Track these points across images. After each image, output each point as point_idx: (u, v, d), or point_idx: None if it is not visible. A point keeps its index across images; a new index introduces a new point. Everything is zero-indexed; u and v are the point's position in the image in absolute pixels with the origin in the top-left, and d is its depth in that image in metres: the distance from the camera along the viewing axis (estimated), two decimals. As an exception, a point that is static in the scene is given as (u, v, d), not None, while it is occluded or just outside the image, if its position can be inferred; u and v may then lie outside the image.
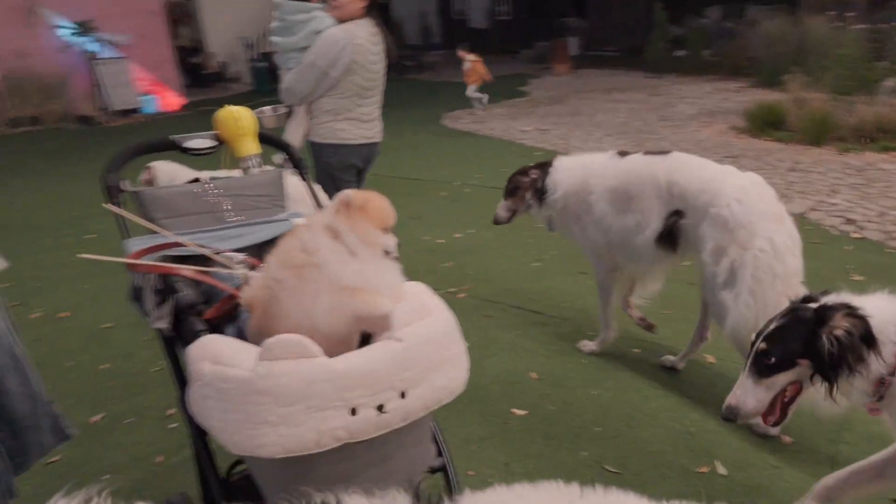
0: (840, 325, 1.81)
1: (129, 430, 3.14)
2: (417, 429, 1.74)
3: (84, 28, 13.48)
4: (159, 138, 2.40)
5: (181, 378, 1.94)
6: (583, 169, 3.39)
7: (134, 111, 13.69)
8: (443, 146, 9.35)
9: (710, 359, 3.47)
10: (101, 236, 5.91)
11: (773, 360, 1.93)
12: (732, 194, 2.84)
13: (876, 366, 1.81)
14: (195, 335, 1.72)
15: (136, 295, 2.05)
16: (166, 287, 1.97)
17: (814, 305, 1.90)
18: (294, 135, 4.01)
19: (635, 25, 19.05)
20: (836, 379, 1.84)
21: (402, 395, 1.55)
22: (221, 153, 2.54)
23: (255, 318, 1.70)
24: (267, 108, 4.05)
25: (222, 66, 17.35)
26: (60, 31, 13.48)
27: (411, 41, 25.32)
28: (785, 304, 2.05)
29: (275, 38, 4.01)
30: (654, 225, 3.10)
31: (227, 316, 1.94)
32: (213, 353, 1.56)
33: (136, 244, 2.04)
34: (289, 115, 4.10)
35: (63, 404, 3.35)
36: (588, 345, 3.67)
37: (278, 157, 2.53)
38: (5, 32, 12.62)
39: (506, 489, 1.27)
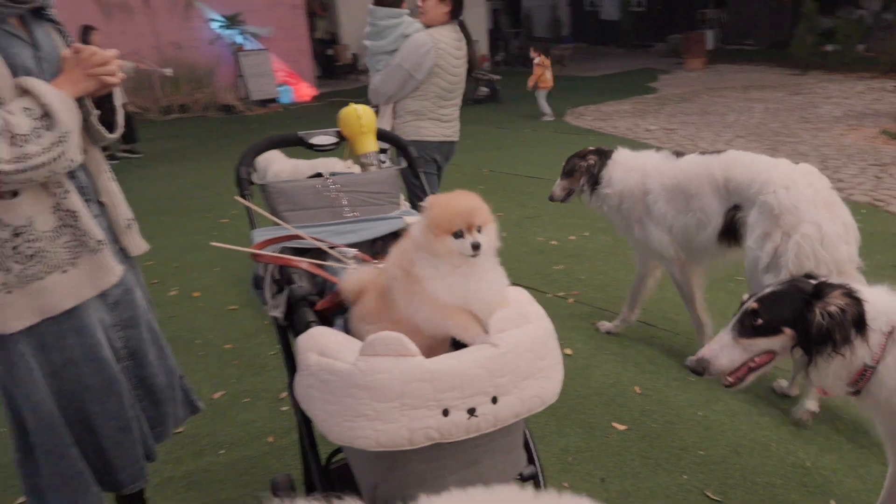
0: (835, 302, 1.84)
1: (245, 409, 3.37)
2: (509, 435, 1.76)
3: (232, 21, 14.41)
4: (288, 134, 2.56)
5: (292, 365, 2.05)
6: (640, 169, 3.49)
7: (271, 101, 14.45)
8: (563, 144, 9.21)
9: (834, 388, 3.24)
10: (233, 221, 6.33)
11: (759, 321, 1.93)
12: (780, 182, 2.88)
13: (862, 353, 1.84)
14: (306, 326, 1.82)
15: (258, 283, 2.20)
16: (283, 278, 2.11)
17: (814, 281, 1.93)
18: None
19: (780, 17, 17.85)
20: (818, 354, 1.87)
21: (494, 401, 1.58)
22: (343, 148, 2.66)
23: (366, 301, 1.79)
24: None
25: (354, 58, 17.93)
26: (212, 24, 14.46)
27: (539, 33, 25.06)
28: None
29: (366, 42, 4.20)
30: (716, 221, 3.16)
31: (336, 308, 2.03)
32: (319, 344, 1.65)
33: (261, 235, 2.18)
34: (376, 114, 4.15)
35: (192, 379, 3.63)
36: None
37: (370, 157, 2.58)
38: (166, 26, 13.72)
39: (461, 493, 1.27)
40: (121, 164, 8.77)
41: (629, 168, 3.52)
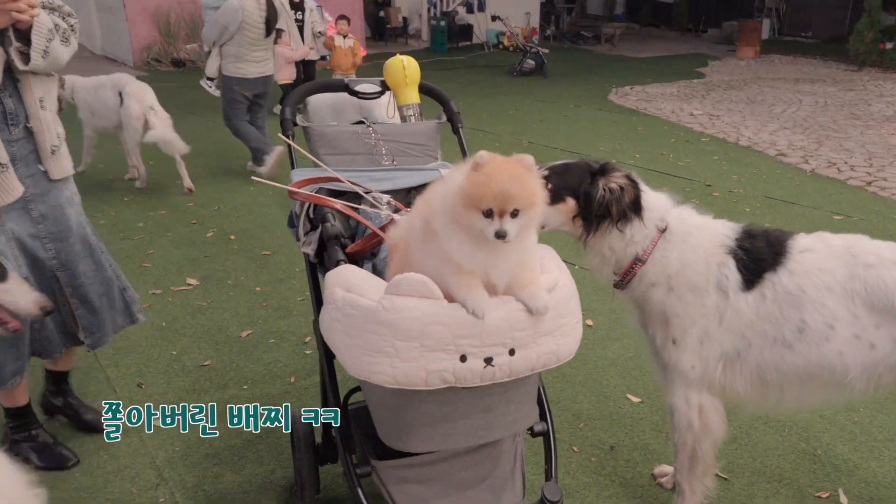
0: (617, 180, 1.99)
1: (270, 349, 3.47)
2: (522, 387, 1.78)
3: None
4: (335, 80, 2.68)
5: (319, 301, 2.11)
6: (321, 95, 5.19)
7: (322, 58, 14.33)
8: (605, 122, 9.13)
9: (854, 381, 3.23)
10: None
11: (549, 186, 1.98)
12: (385, 104, 3.65)
13: (639, 237, 2.02)
14: (335, 264, 1.85)
15: (293, 221, 2.26)
16: (317, 217, 2.15)
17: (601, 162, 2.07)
18: (211, 68, 6.32)
19: (841, 11, 17.28)
20: (598, 225, 2.01)
21: (511, 353, 1.59)
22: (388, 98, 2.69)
23: (396, 258, 1.77)
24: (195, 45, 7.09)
25: (404, 21, 17.82)
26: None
27: (593, 11, 24.58)
28: None
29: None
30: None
31: (368, 251, 2.07)
32: (346, 280, 1.66)
33: (300, 174, 2.22)
34: (208, 54, 6.40)
35: (220, 317, 3.79)
36: None
37: (412, 108, 2.63)
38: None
39: None
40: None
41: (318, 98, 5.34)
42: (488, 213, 1.45)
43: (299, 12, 8.81)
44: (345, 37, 9.59)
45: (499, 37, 17.04)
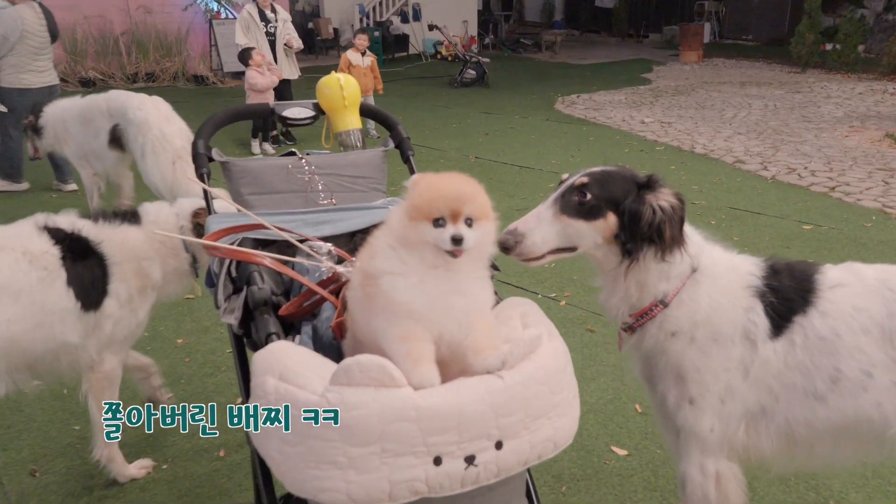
0: (667, 198, 1.67)
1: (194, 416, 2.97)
2: (511, 483, 1.44)
3: (208, -13, 13.70)
4: (258, 105, 2.41)
5: (248, 386, 1.71)
6: (61, 109, 5.17)
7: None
8: (554, 133, 8.86)
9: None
10: (201, 199, 5.89)
11: (588, 197, 1.68)
12: (136, 106, 4.82)
13: (675, 275, 1.72)
14: (266, 339, 1.51)
15: (212, 280, 1.85)
16: (241, 276, 1.77)
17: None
18: None
19: (780, 13, 17.61)
20: (640, 251, 1.67)
21: (498, 446, 1.28)
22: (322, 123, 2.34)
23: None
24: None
25: (335, 32, 17.33)
26: (187, -11, 13.73)
27: (532, 18, 24.61)
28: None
29: None
30: (104, 132, 4.98)
31: (305, 313, 1.72)
32: (280, 365, 1.31)
33: (217, 223, 1.87)
34: None
35: (134, 377, 3.25)
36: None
37: (352, 135, 2.26)
38: (136, -14, 12.96)
39: None
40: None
41: (58, 108, 5.16)
42: (439, 223, 1.27)
43: (271, 24, 8.02)
44: (363, 54, 8.62)
45: (436, 46, 16.74)
